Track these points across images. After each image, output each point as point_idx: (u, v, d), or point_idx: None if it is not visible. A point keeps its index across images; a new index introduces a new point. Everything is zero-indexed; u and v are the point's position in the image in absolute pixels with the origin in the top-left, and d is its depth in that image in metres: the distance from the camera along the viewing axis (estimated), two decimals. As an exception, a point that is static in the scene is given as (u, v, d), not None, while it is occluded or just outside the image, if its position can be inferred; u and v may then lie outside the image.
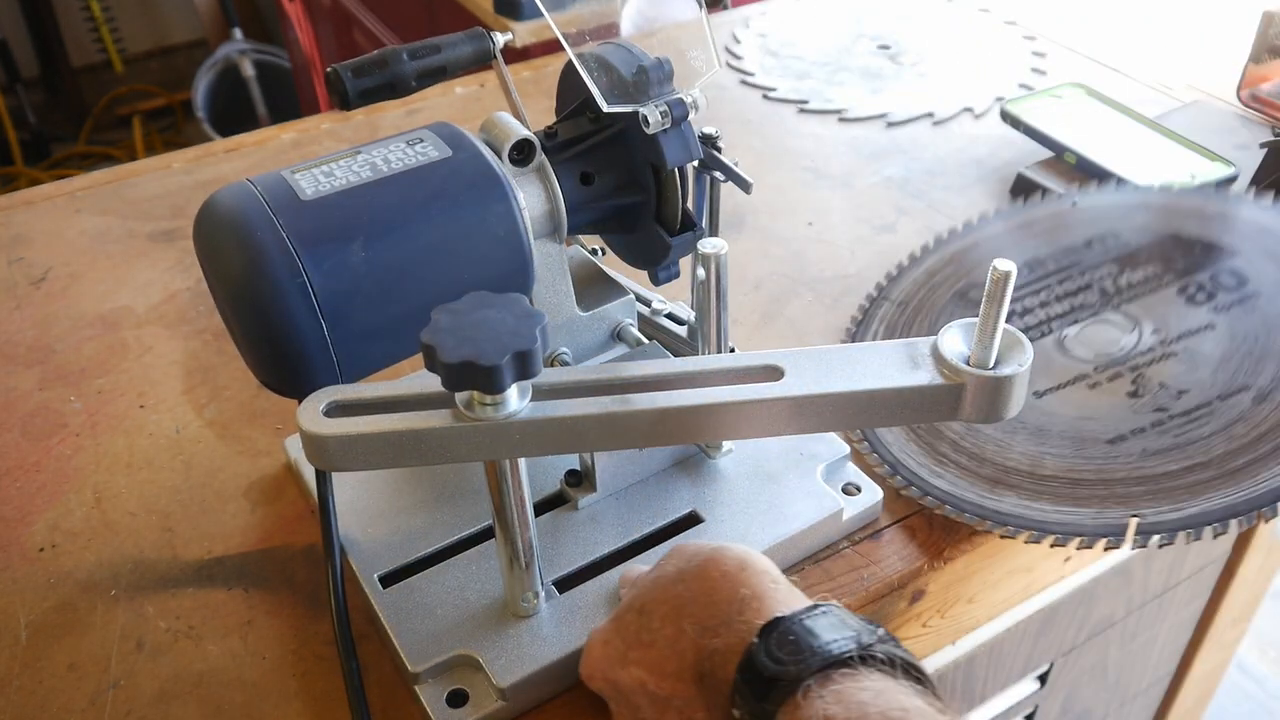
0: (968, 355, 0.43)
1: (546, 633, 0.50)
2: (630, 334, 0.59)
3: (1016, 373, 0.43)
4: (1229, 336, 0.62)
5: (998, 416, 0.44)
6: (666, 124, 0.51)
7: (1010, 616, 0.66)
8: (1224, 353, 0.61)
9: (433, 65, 0.54)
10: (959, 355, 0.44)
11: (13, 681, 0.52)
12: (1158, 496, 0.55)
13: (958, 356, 0.44)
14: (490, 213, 0.49)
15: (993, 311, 0.41)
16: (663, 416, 0.44)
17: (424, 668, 0.49)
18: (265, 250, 0.45)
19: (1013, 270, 0.40)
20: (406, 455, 0.43)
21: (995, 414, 0.44)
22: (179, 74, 3.12)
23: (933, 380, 0.43)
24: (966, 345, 0.44)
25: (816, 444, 0.59)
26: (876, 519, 0.58)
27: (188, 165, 0.94)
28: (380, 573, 0.54)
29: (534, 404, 0.43)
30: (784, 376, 0.44)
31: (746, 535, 0.54)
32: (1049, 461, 0.59)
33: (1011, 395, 0.44)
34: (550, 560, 0.54)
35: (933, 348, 0.44)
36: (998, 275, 0.40)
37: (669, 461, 0.58)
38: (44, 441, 0.66)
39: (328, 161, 0.49)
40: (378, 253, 0.47)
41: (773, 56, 1.09)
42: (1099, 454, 0.58)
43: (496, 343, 0.39)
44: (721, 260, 0.51)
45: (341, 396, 0.44)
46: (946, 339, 0.44)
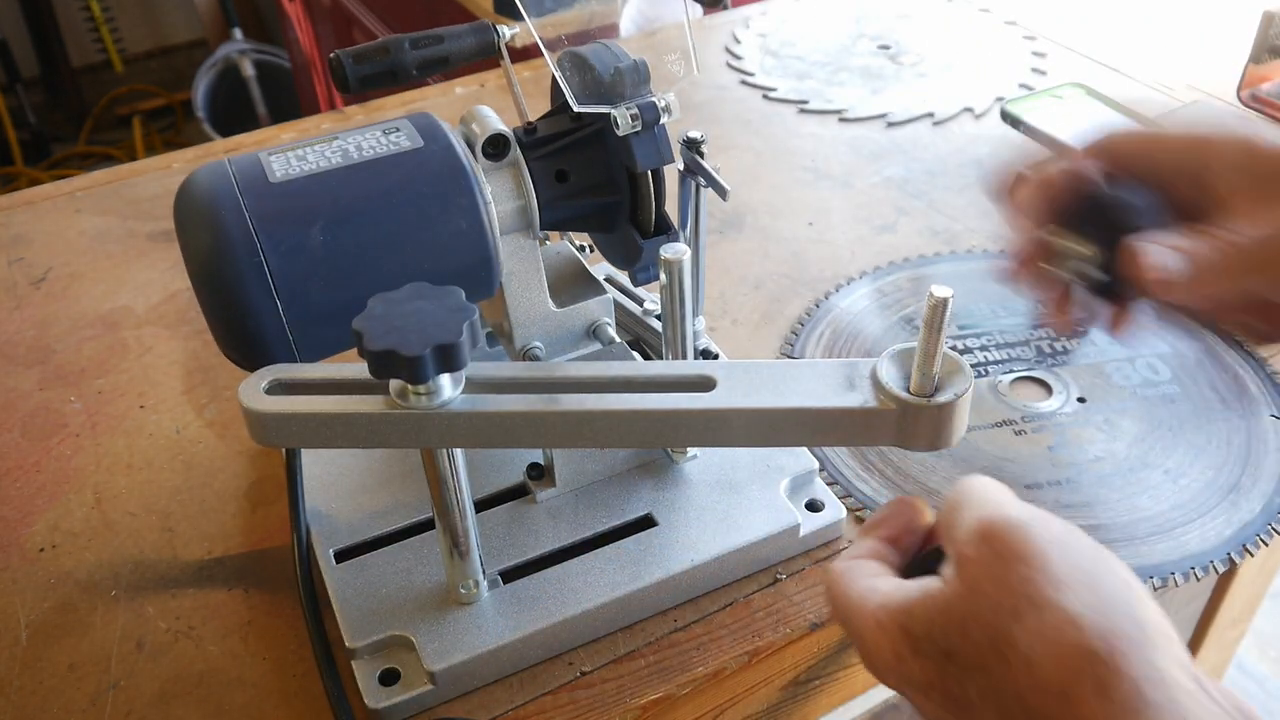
0: (907, 380, 0.43)
1: (484, 621, 0.51)
2: (605, 333, 0.59)
3: (953, 401, 0.42)
4: (1147, 420, 0.65)
5: (934, 446, 0.43)
6: (637, 127, 0.51)
7: (1010, 616, 0.66)
8: (1139, 431, 0.64)
9: (435, 55, 0.54)
10: (897, 380, 0.43)
11: (13, 681, 0.52)
12: None
13: (895, 381, 0.43)
14: (453, 205, 0.50)
15: (932, 338, 0.41)
16: (588, 419, 0.44)
17: (361, 644, 0.50)
18: (226, 229, 0.46)
19: (949, 296, 0.40)
20: (339, 438, 0.44)
21: (932, 443, 0.43)
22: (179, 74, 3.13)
23: (866, 403, 0.43)
24: (907, 370, 0.43)
25: (784, 456, 0.59)
26: (839, 536, 0.58)
27: (188, 165, 0.94)
28: (337, 548, 0.55)
29: (465, 396, 0.44)
30: (715, 388, 0.44)
31: (698, 542, 0.54)
32: None
33: (948, 425, 0.43)
34: (500, 550, 0.54)
35: (872, 370, 0.44)
36: (934, 301, 0.40)
37: (632, 462, 0.59)
38: (44, 441, 0.66)
39: (305, 145, 0.50)
40: (336, 238, 0.48)
41: (773, 56, 1.09)
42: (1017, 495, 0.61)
43: (421, 334, 0.40)
44: (682, 266, 0.51)
45: (286, 375, 0.45)
46: (887, 362, 0.44)
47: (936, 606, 0.36)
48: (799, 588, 0.55)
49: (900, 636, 0.37)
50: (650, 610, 0.54)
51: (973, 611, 0.35)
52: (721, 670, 0.52)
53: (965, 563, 0.36)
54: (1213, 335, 0.71)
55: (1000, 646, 0.33)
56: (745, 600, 0.55)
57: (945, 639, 0.35)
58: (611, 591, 0.52)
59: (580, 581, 0.53)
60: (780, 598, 0.55)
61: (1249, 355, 0.69)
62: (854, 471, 0.61)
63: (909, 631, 0.37)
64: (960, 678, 0.34)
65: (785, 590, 0.55)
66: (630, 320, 0.67)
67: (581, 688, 0.51)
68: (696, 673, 0.51)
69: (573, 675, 0.51)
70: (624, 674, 0.51)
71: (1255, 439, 0.63)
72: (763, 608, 0.54)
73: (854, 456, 0.62)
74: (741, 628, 0.53)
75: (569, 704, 0.50)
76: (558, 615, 0.51)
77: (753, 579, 0.56)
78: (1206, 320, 0.65)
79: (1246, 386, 0.67)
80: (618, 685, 0.51)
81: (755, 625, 0.53)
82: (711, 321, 0.74)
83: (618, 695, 0.50)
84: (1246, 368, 0.68)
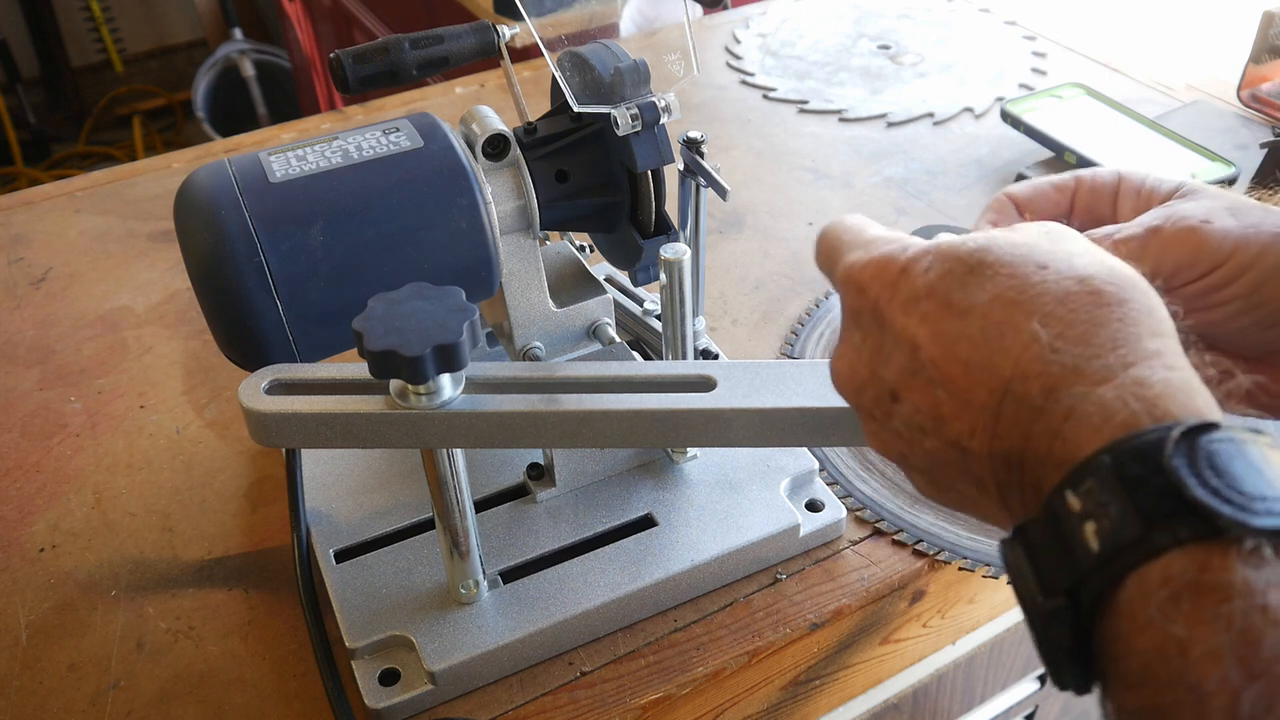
0: None
1: (484, 621, 0.51)
2: (605, 332, 0.59)
3: None
4: None
5: None
6: (637, 127, 0.51)
7: (1010, 616, 0.66)
8: None
9: (435, 55, 0.54)
10: None
11: (13, 682, 0.52)
12: None
13: None
14: (453, 205, 0.50)
15: None
16: (588, 419, 0.44)
17: (361, 644, 0.50)
18: (227, 230, 0.47)
19: None
20: (339, 438, 0.45)
21: None
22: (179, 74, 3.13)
23: None
24: None
25: (784, 456, 0.59)
26: (840, 536, 0.58)
27: (188, 165, 0.94)
28: (337, 548, 0.55)
29: (465, 396, 0.44)
30: (715, 388, 0.44)
31: (698, 542, 0.54)
32: None
33: None
34: (501, 550, 0.54)
35: None
36: None
37: (632, 463, 0.59)
38: (44, 441, 0.66)
39: (305, 145, 0.51)
40: (336, 238, 0.48)
41: (773, 56, 1.09)
42: None
43: (422, 334, 0.40)
44: (682, 266, 0.51)
45: (286, 375, 0.46)
46: None
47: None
48: (799, 588, 0.55)
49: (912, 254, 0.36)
50: (650, 610, 0.54)
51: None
52: (721, 670, 0.52)
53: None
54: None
55: (1036, 262, 0.33)
56: (745, 600, 0.55)
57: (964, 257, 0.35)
58: (611, 591, 0.52)
59: (580, 581, 0.53)
60: (780, 598, 0.55)
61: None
62: (854, 471, 0.61)
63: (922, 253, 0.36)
64: (967, 280, 0.34)
65: (785, 590, 0.55)
66: (630, 320, 0.67)
67: (581, 688, 0.51)
68: (696, 673, 0.51)
69: (573, 675, 0.51)
70: (624, 674, 0.51)
71: None
72: (763, 608, 0.54)
73: (854, 456, 0.62)
74: (741, 628, 0.53)
75: (569, 704, 0.50)
76: (558, 615, 0.51)
77: (753, 579, 0.56)
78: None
79: None
80: (618, 685, 0.51)
81: (755, 625, 0.53)
82: (711, 321, 0.73)
83: (618, 695, 0.50)
84: (1246, 368, 0.68)
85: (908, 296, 0.35)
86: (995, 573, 0.57)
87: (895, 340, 0.35)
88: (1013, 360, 0.31)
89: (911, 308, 0.34)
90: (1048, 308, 0.32)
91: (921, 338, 0.34)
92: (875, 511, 0.59)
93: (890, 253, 0.36)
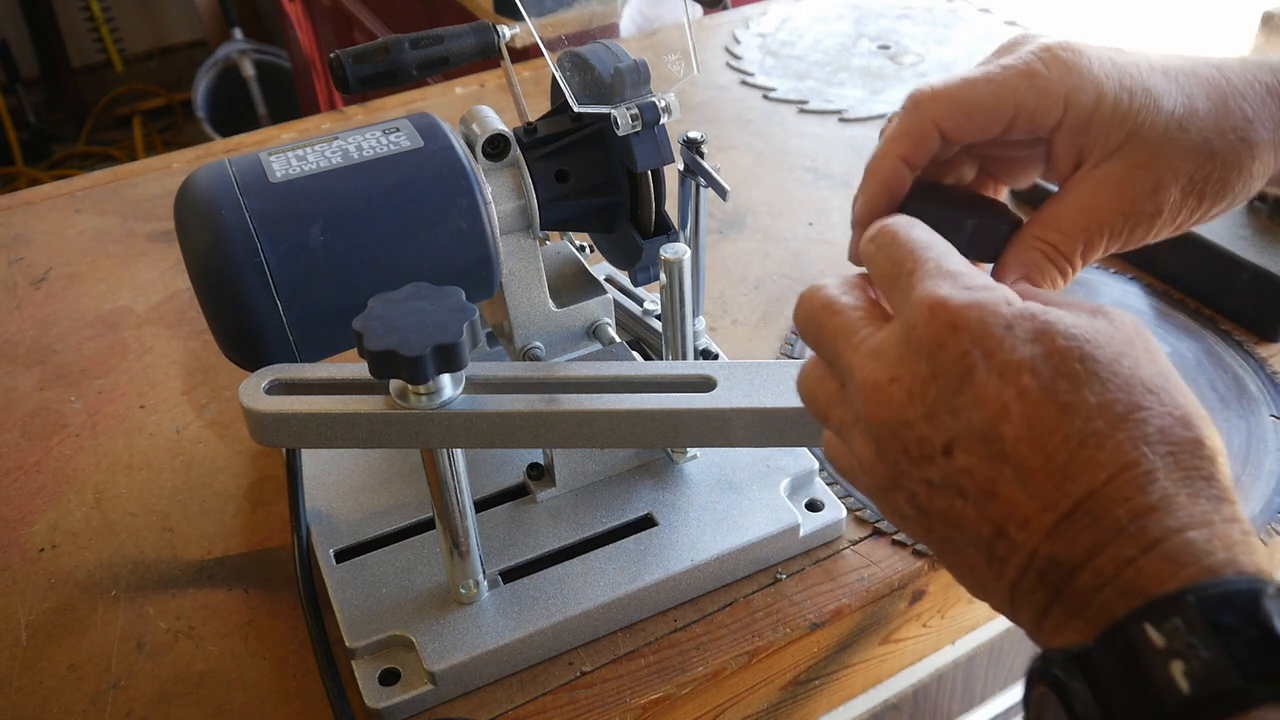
0: None
1: (484, 621, 0.51)
2: (605, 333, 0.59)
3: None
4: None
5: None
6: (637, 127, 0.51)
7: (1010, 616, 0.66)
8: None
9: (434, 55, 0.54)
10: None
11: (13, 682, 0.52)
12: None
13: None
14: (454, 205, 0.50)
15: None
16: (588, 419, 0.44)
17: (361, 644, 0.50)
18: (227, 229, 0.46)
19: None
20: (340, 438, 0.45)
21: None
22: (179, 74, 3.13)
23: None
24: None
25: (784, 456, 0.59)
26: (840, 536, 0.58)
27: (188, 165, 0.94)
28: (337, 548, 0.55)
29: (465, 396, 0.44)
30: (715, 388, 0.44)
31: (698, 542, 0.54)
32: None
33: None
34: (501, 550, 0.54)
35: None
36: None
37: (632, 463, 0.59)
38: (44, 441, 0.66)
39: (305, 145, 0.51)
40: (336, 238, 0.48)
41: (773, 56, 1.09)
42: None
43: (422, 334, 0.40)
44: (682, 266, 0.51)
45: (286, 375, 0.46)
46: None
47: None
48: (799, 588, 0.55)
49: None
50: (650, 610, 0.54)
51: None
52: (721, 670, 0.52)
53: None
54: (1213, 335, 0.71)
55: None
56: (745, 600, 0.55)
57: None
58: (611, 591, 0.52)
59: (580, 581, 0.53)
60: (780, 598, 0.55)
61: (1249, 355, 0.69)
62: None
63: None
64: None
65: (785, 590, 0.55)
66: (630, 320, 0.67)
67: (581, 688, 0.51)
68: (696, 673, 0.51)
69: (573, 675, 0.51)
70: (624, 674, 0.51)
71: (1255, 439, 0.63)
72: (763, 608, 0.54)
73: None
74: (741, 628, 0.53)
75: (569, 704, 0.50)
76: (558, 615, 0.51)
77: (753, 579, 0.56)
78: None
79: (1246, 386, 0.67)
80: (618, 685, 0.51)
81: (755, 625, 0.53)
82: (711, 321, 0.74)
83: (618, 695, 0.50)
84: (1246, 368, 0.68)
85: (1009, 362, 0.32)
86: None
87: (978, 399, 0.33)
88: (1105, 476, 0.30)
89: (1011, 377, 0.32)
90: (1152, 437, 0.31)
91: (1013, 412, 0.32)
92: (875, 511, 0.59)
93: (994, 302, 0.34)
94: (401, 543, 0.55)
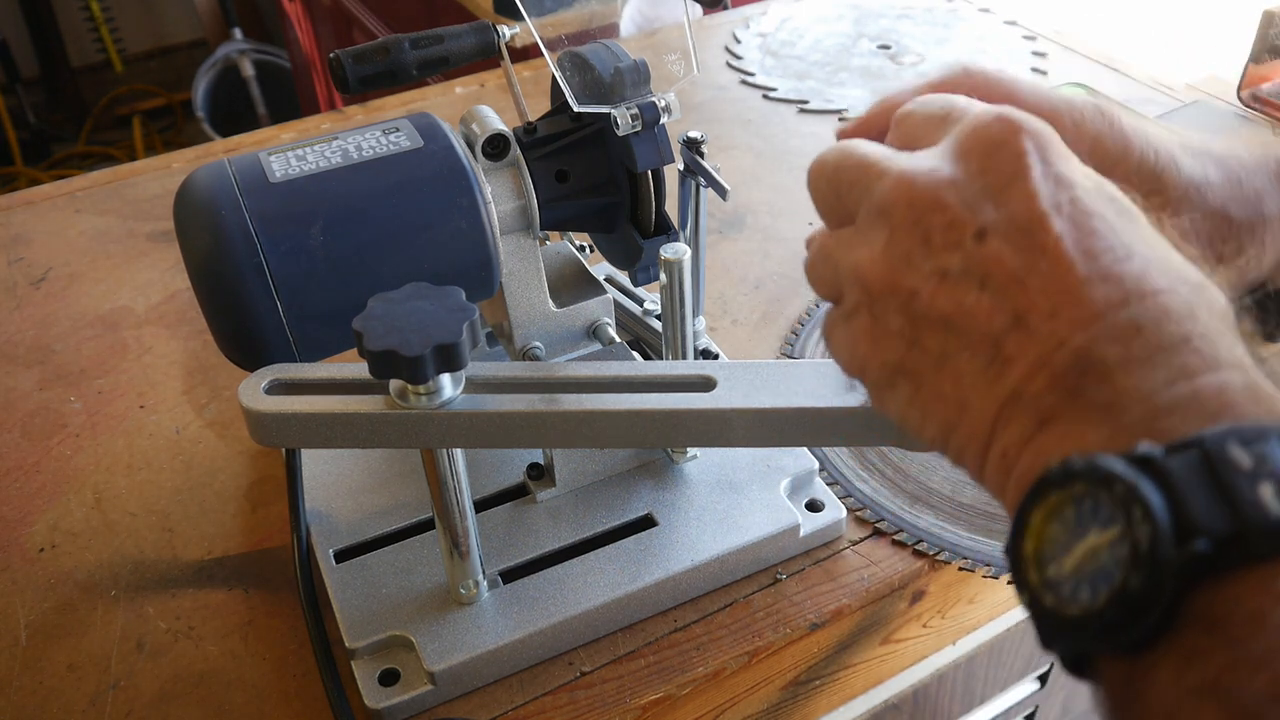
0: None
1: (484, 621, 0.51)
2: (605, 333, 0.59)
3: None
4: None
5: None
6: (637, 126, 0.51)
7: (1010, 616, 0.66)
8: None
9: (434, 55, 0.54)
10: None
11: (13, 682, 0.52)
12: None
13: None
14: (454, 205, 0.50)
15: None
16: (588, 419, 0.44)
17: (361, 644, 0.50)
18: (226, 230, 0.46)
19: None
20: (340, 438, 0.45)
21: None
22: (179, 74, 3.13)
23: (866, 403, 0.43)
24: None
25: (784, 456, 0.59)
26: (840, 536, 0.58)
27: (188, 165, 0.94)
28: (336, 548, 0.55)
29: (465, 396, 0.44)
30: (715, 388, 0.44)
31: (698, 542, 0.54)
32: (969, 491, 0.60)
33: None
34: (501, 550, 0.54)
35: None
36: None
37: (632, 463, 0.59)
38: (44, 441, 0.66)
39: (304, 145, 0.51)
40: (336, 238, 0.48)
41: (773, 56, 1.09)
42: None
43: (422, 334, 0.40)
44: (682, 266, 0.51)
45: (286, 375, 0.46)
46: None
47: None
48: (799, 588, 0.55)
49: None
50: (650, 610, 0.54)
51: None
52: (721, 670, 0.52)
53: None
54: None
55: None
56: (745, 600, 0.55)
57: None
58: (611, 591, 0.52)
59: (580, 581, 0.53)
60: (780, 598, 0.55)
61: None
62: (854, 471, 0.61)
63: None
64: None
65: (785, 590, 0.55)
66: (630, 320, 0.67)
67: (581, 688, 0.51)
68: (696, 673, 0.51)
69: (573, 675, 0.51)
70: (624, 674, 0.51)
71: None
72: (763, 608, 0.54)
73: (854, 456, 0.62)
74: (741, 628, 0.53)
75: (569, 704, 0.50)
76: (558, 615, 0.51)
77: (753, 579, 0.56)
78: None
79: None
80: (618, 685, 0.51)
81: (755, 625, 0.53)
82: (711, 321, 0.73)
83: (618, 695, 0.50)
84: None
85: (1065, 175, 0.32)
86: (995, 573, 0.57)
87: (1028, 195, 0.32)
88: (1162, 286, 0.30)
89: (1066, 186, 0.32)
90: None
91: (1064, 212, 0.31)
92: (875, 511, 0.59)
93: (1055, 133, 0.34)
94: (401, 543, 0.55)
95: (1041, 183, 0.32)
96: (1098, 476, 0.27)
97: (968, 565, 0.56)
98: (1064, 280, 0.31)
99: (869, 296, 0.35)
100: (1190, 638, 0.25)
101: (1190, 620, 0.25)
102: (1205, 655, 0.25)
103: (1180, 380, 0.28)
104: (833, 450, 0.62)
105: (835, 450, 0.62)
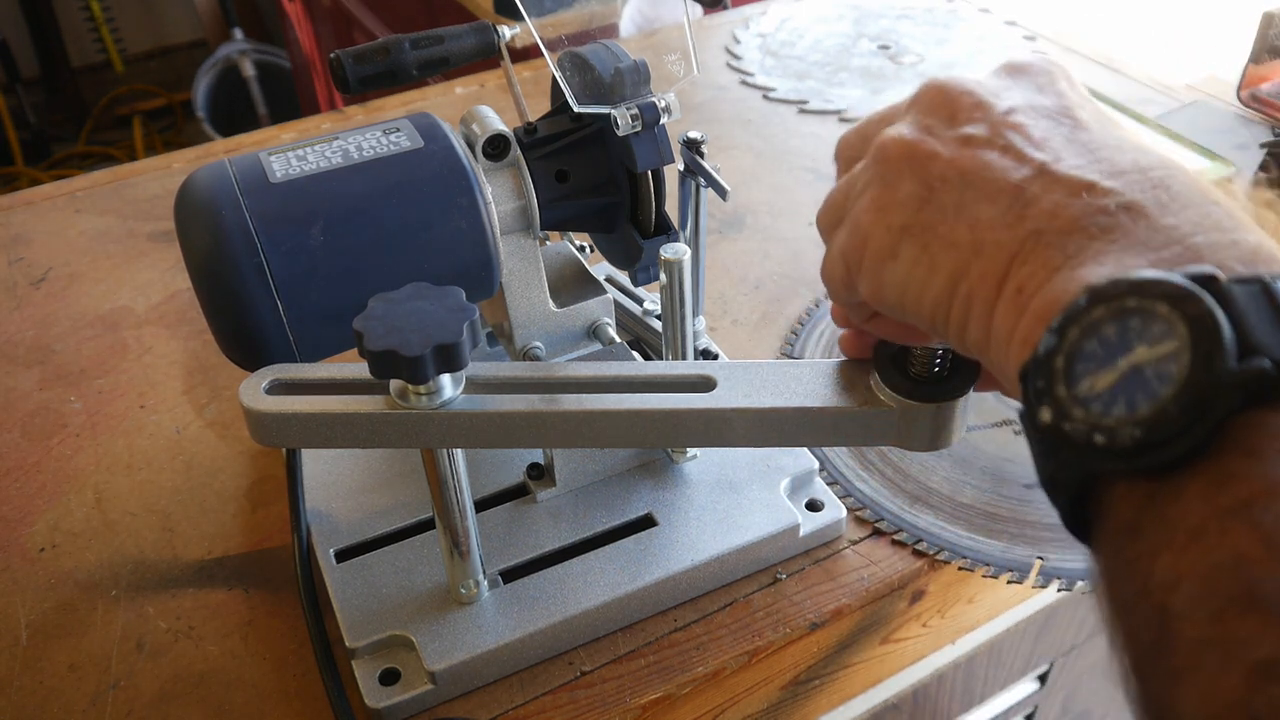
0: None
1: (484, 621, 0.51)
2: (605, 333, 0.59)
3: (949, 404, 0.42)
4: None
5: (933, 446, 0.44)
6: (637, 127, 0.51)
7: (1010, 616, 0.66)
8: None
9: (435, 56, 0.54)
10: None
11: (13, 682, 0.52)
12: (1063, 545, 0.58)
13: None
14: (454, 206, 0.50)
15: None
16: (588, 419, 0.44)
17: (361, 644, 0.50)
18: (227, 230, 0.47)
19: None
20: (340, 438, 0.45)
21: (931, 443, 0.43)
22: (179, 74, 3.13)
23: (866, 403, 0.43)
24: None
25: (784, 456, 0.59)
26: (840, 536, 0.58)
27: (188, 165, 0.94)
28: (337, 548, 0.55)
29: (465, 396, 0.44)
30: (715, 388, 0.44)
31: (698, 542, 0.54)
32: (969, 492, 0.61)
33: (947, 425, 0.43)
34: (501, 550, 0.55)
35: (871, 370, 0.44)
36: None
37: (632, 462, 0.59)
38: (44, 441, 0.66)
39: (305, 145, 0.51)
40: (336, 238, 0.48)
41: (773, 56, 1.09)
42: (1015, 495, 0.61)
43: (422, 334, 0.40)
44: (682, 266, 0.51)
45: (286, 375, 0.46)
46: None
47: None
48: (799, 588, 0.55)
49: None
50: (650, 610, 0.54)
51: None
52: (721, 670, 0.52)
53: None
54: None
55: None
56: (745, 600, 0.55)
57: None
58: (611, 591, 0.52)
59: (580, 581, 0.53)
60: (780, 598, 0.55)
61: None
62: (854, 471, 0.61)
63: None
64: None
65: (785, 590, 0.55)
66: (630, 320, 0.67)
67: (581, 688, 0.51)
68: (696, 673, 0.51)
69: (573, 675, 0.51)
70: (624, 674, 0.51)
71: None
72: (763, 608, 0.54)
73: (854, 456, 0.62)
74: (741, 628, 0.53)
75: (569, 704, 0.50)
76: (558, 615, 0.51)
77: (753, 579, 0.56)
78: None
79: None
80: (618, 685, 0.51)
81: (755, 625, 0.53)
82: (711, 321, 0.74)
83: (618, 695, 0.50)
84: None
85: (1089, 101, 0.35)
86: (995, 573, 0.57)
87: (1059, 94, 0.35)
88: (1180, 164, 0.31)
89: (1089, 104, 0.35)
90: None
91: (1089, 112, 0.34)
92: (875, 511, 0.59)
93: None
94: (401, 543, 0.55)
95: (1070, 93, 0.35)
96: (1159, 290, 0.26)
97: (967, 565, 0.56)
98: (1092, 142, 0.32)
99: (883, 167, 0.35)
100: (1226, 461, 0.25)
101: (1228, 445, 0.25)
102: (1240, 479, 0.24)
103: (1215, 232, 0.29)
104: (833, 450, 0.62)
105: (835, 450, 0.62)
